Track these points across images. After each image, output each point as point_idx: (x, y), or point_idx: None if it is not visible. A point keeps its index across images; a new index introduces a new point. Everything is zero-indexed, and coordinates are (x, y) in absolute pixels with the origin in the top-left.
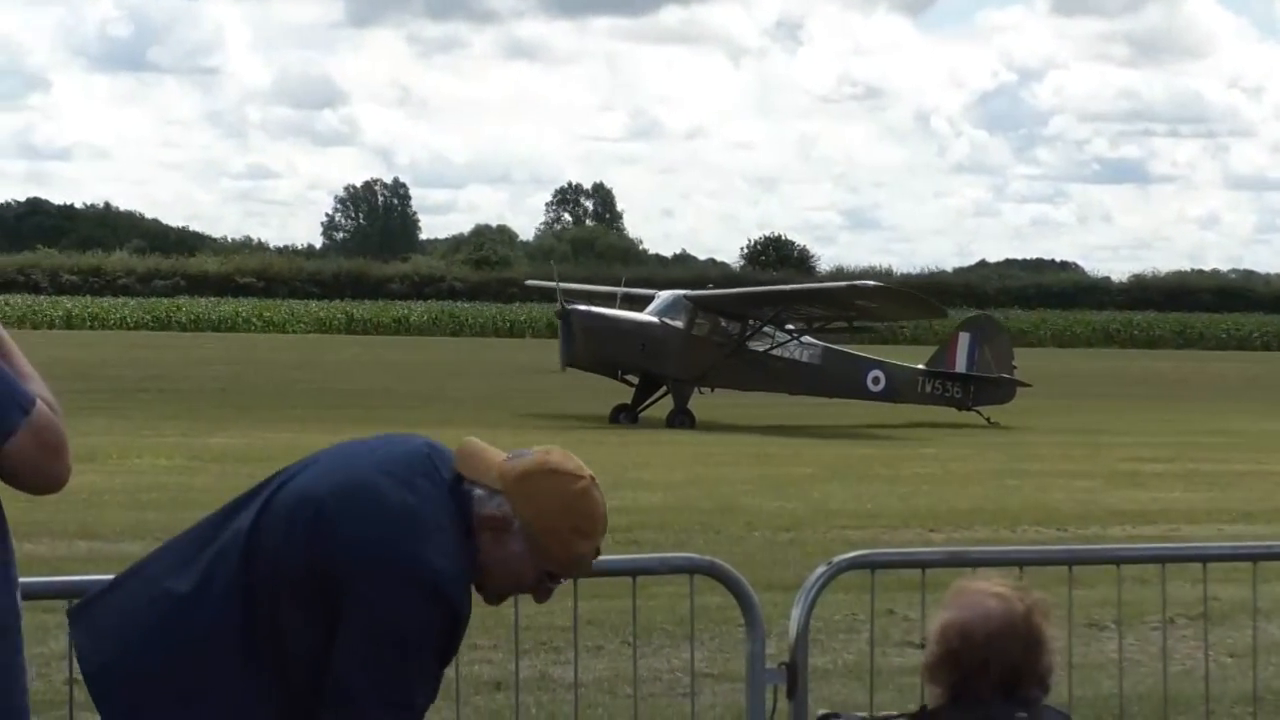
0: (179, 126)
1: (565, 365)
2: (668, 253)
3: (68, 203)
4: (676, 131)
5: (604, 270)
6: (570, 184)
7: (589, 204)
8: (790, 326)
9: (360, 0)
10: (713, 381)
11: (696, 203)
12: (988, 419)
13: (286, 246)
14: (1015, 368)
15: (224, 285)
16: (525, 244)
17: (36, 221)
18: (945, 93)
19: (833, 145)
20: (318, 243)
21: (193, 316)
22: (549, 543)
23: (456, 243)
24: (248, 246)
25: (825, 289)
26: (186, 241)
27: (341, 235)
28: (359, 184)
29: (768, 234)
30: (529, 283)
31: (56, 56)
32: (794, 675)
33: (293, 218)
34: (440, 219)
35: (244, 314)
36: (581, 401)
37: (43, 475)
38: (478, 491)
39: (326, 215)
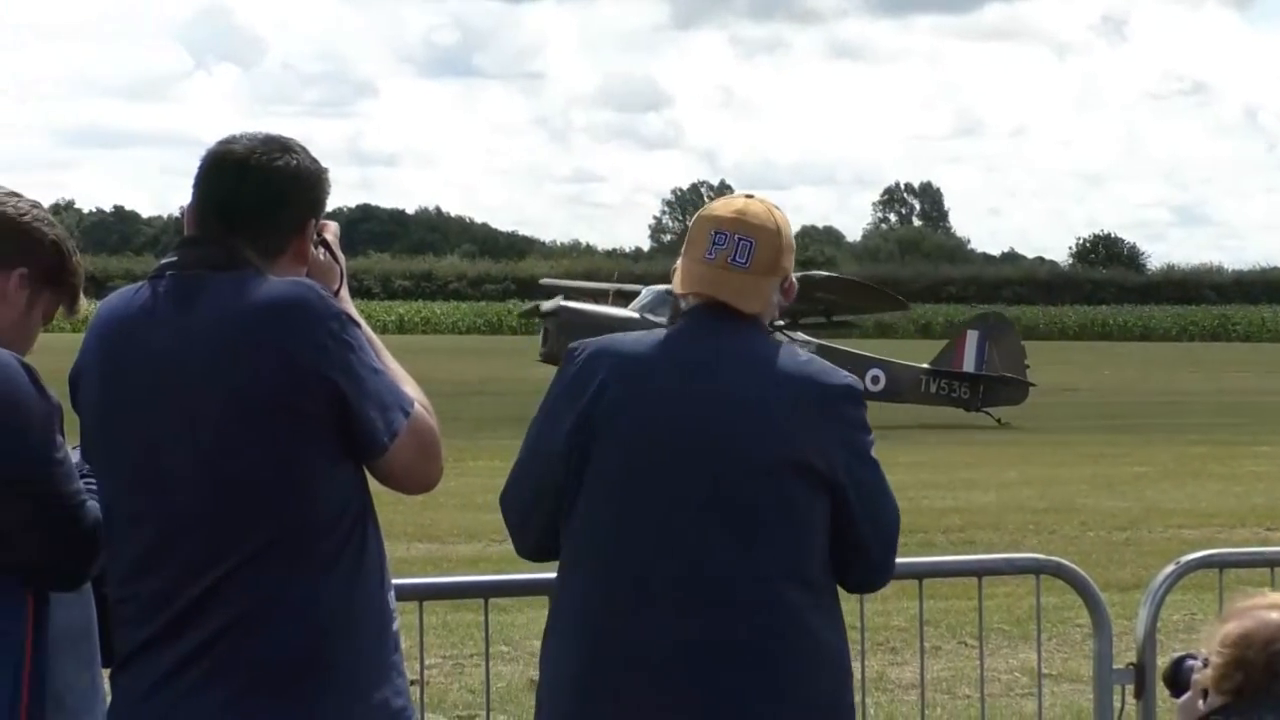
0: (505, 131)
1: (543, 360)
2: (995, 251)
3: (398, 208)
4: (1001, 129)
5: (930, 270)
6: (898, 184)
7: (916, 203)
8: (780, 322)
9: (683, 3)
10: None
11: (1023, 201)
12: (998, 420)
13: (614, 250)
14: (1028, 367)
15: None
16: (851, 245)
17: (368, 227)
18: (1274, 87)
19: (1160, 141)
20: (645, 245)
21: (524, 320)
22: None
23: None
24: (576, 250)
25: None
26: (516, 245)
27: (669, 238)
28: (685, 186)
29: (1096, 231)
30: (543, 281)
31: (384, 64)
32: (1142, 676)
33: (619, 220)
34: None
35: None
36: None
37: (419, 477)
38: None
39: (654, 218)
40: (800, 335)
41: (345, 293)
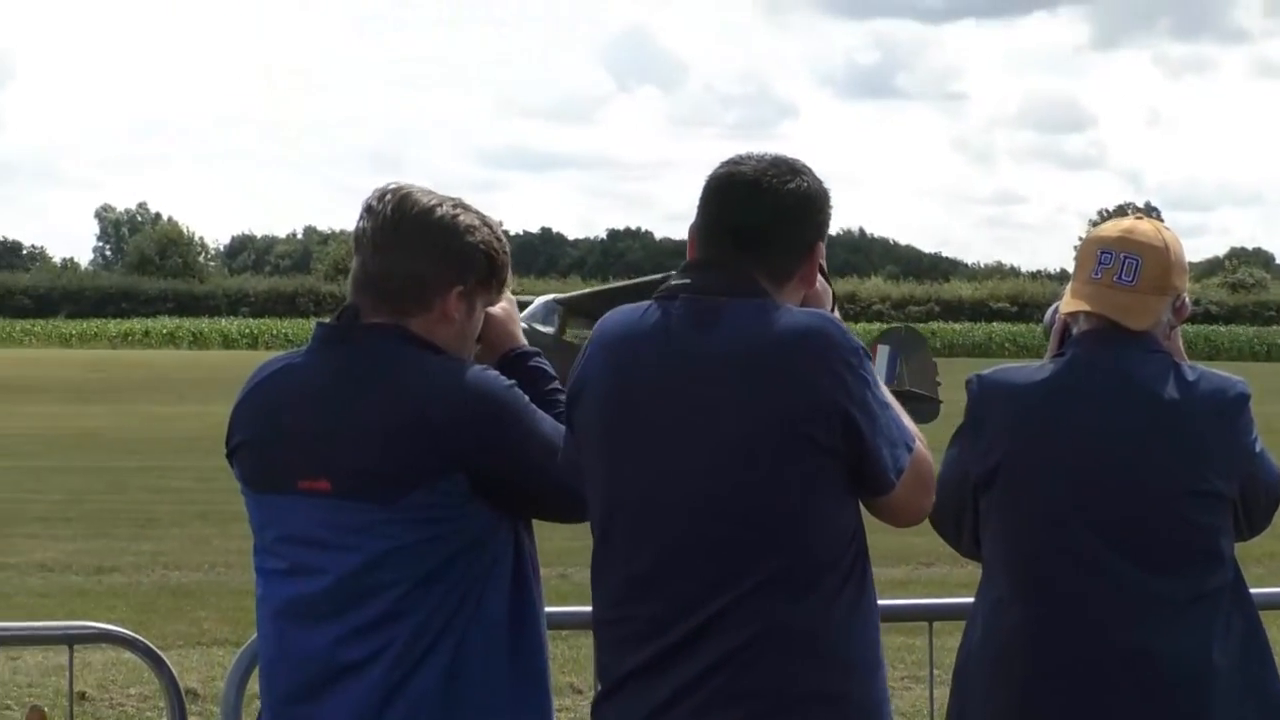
0: (927, 152)
1: None
2: None
3: None
4: None
5: None
6: None
7: None
8: None
9: (1106, 22)
10: None
11: None
12: None
13: (1039, 271)
14: (939, 383)
15: (977, 311)
16: None
17: None
18: None
19: None
20: (1070, 266)
21: (947, 342)
22: None
23: (1211, 265)
24: (999, 272)
25: (646, 282)
26: (939, 267)
27: None
28: (1110, 207)
29: None
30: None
31: (804, 85)
32: None
33: (1042, 242)
34: (1192, 242)
35: (998, 339)
36: None
37: (914, 512)
38: None
39: (1079, 239)
40: None
41: (836, 315)
